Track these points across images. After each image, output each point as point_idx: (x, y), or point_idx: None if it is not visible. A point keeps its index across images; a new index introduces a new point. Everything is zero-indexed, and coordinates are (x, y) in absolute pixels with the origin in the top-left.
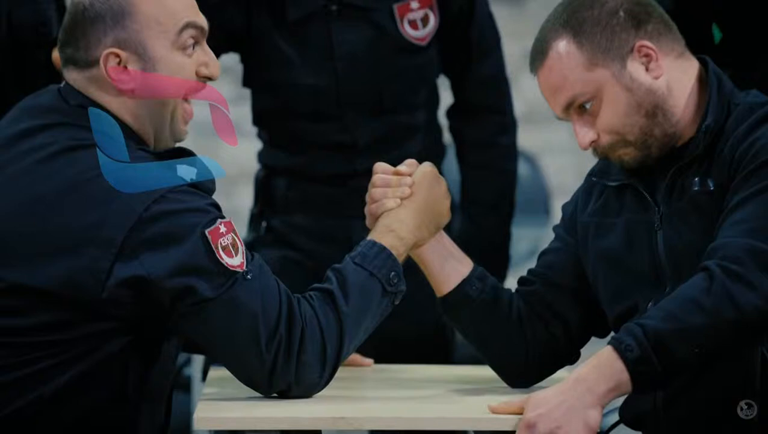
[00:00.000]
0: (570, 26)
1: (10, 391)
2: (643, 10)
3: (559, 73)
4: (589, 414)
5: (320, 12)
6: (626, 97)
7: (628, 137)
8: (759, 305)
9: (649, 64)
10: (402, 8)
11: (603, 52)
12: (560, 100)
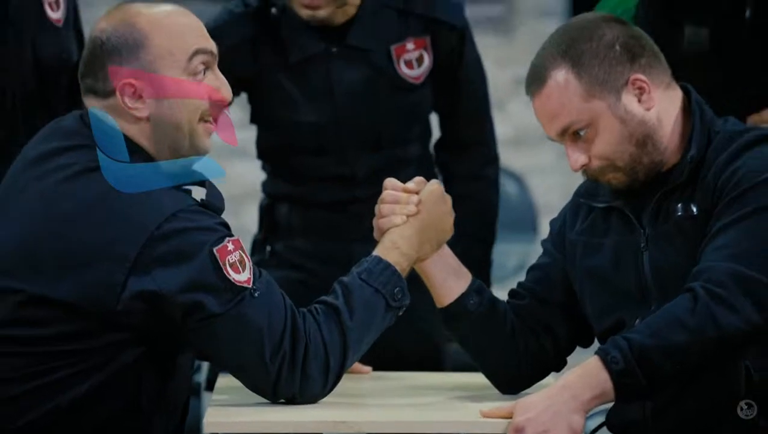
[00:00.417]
0: (569, 57)
1: (30, 400)
2: (638, 44)
3: (557, 102)
4: (574, 419)
5: (321, 54)
6: (620, 128)
7: (618, 163)
8: (740, 327)
9: (642, 96)
10: (399, 49)
11: (600, 84)
12: (556, 127)
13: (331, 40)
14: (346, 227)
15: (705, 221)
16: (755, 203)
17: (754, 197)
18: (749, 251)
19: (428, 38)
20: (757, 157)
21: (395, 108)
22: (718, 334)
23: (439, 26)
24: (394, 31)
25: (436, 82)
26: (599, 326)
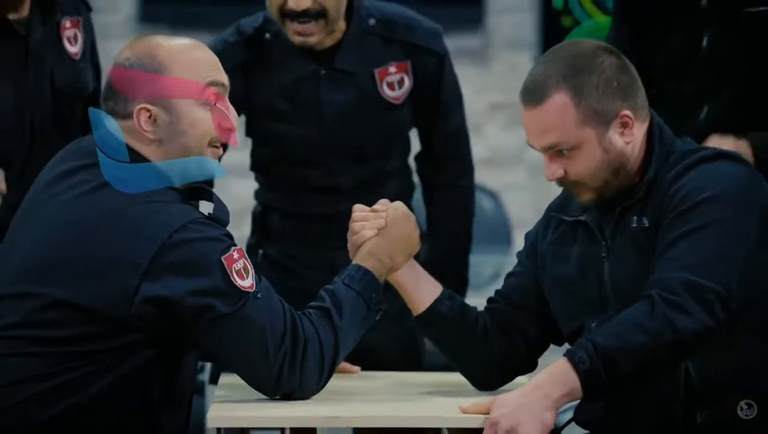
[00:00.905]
0: (572, 84)
1: (50, 397)
2: (633, 83)
3: (552, 121)
4: (545, 415)
5: (311, 75)
6: (601, 156)
7: (591, 184)
8: (694, 329)
9: (625, 130)
10: (382, 72)
11: (594, 115)
12: (543, 141)
13: (319, 63)
14: (331, 235)
15: (656, 232)
16: (700, 220)
17: (699, 214)
18: (697, 262)
19: (409, 63)
20: (701, 175)
21: (378, 125)
22: (675, 336)
23: (420, 52)
24: (377, 56)
25: (416, 102)
26: (566, 329)
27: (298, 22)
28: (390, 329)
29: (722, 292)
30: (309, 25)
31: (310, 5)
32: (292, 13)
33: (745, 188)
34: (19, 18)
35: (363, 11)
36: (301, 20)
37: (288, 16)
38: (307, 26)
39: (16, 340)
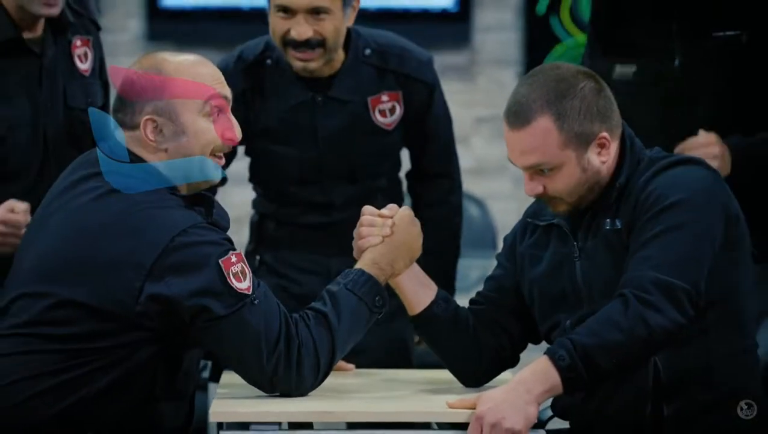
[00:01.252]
0: (556, 109)
1: (60, 391)
2: (610, 106)
3: (536, 143)
4: (528, 409)
5: (308, 101)
6: (579, 176)
7: (568, 199)
8: (666, 326)
9: (602, 150)
10: (374, 100)
11: (575, 138)
12: (525, 161)
13: (316, 91)
14: (324, 244)
15: (627, 234)
16: (670, 222)
17: (669, 216)
18: (667, 262)
19: (401, 92)
20: (670, 179)
21: (369, 149)
22: (648, 332)
23: (411, 81)
24: (371, 85)
25: (407, 127)
26: (543, 326)
27: (300, 51)
28: (381, 329)
29: (691, 290)
30: (310, 52)
31: (311, 36)
32: (294, 43)
33: (710, 192)
34: (34, 37)
35: (360, 42)
36: (302, 49)
37: (290, 44)
38: (308, 53)
39: (29, 337)
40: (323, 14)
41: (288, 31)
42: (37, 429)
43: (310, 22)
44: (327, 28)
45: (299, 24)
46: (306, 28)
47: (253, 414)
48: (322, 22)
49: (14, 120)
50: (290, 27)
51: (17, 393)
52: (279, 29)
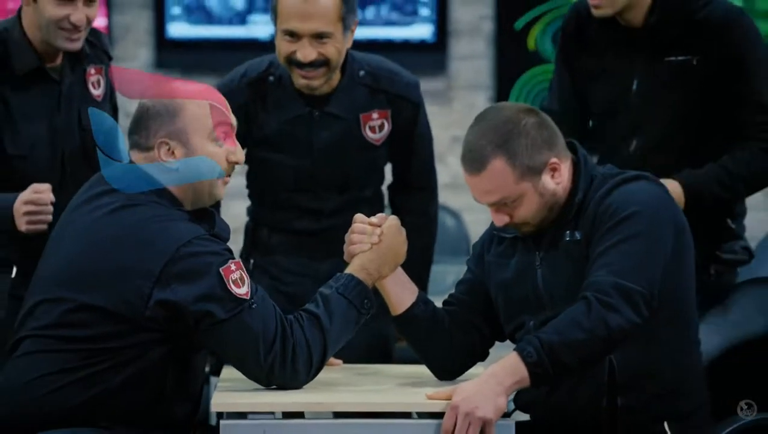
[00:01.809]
0: (505, 150)
1: (76, 388)
2: (553, 133)
3: (494, 184)
4: (498, 400)
5: (306, 116)
6: (538, 201)
7: (532, 222)
8: (623, 326)
9: (555, 174)
10: (365, 117)
11: (528, 170)
12: (489, 199)
13: (314, 106)
14: (314, 249)
15: (586, 244)
16: (626, 232)
17: (625, 227)
18: (625, 268)
19: (390, 110)
20: (624, 193)
21: (358, 161)
22: (608, 332)
23: (399, 101)
24: (363, 103)
25: (393, 142)
26: (508, 327)
27: (305, 70)
28: (365, 328)
29: (646, 293)
30: (314, 72)
31: (315, 57)
32: (299, 63)
33: (661, 205)
34: (54, 66)
35: (355, 64)
36: (307, 69)
37: (295, 64)
38: (312, 73)
39: (49, 338)
40: (326, 38)
41: (294, 52)
42: (58, 421)
43: (314, 45)
44: (329, 51)
45: (304, 47)
46: (310, 50)
47: (250, 404)
48: (325, 45)
49: (36, 140)
50: (296, 49)
51: (39, 388)
52: (285, 51)
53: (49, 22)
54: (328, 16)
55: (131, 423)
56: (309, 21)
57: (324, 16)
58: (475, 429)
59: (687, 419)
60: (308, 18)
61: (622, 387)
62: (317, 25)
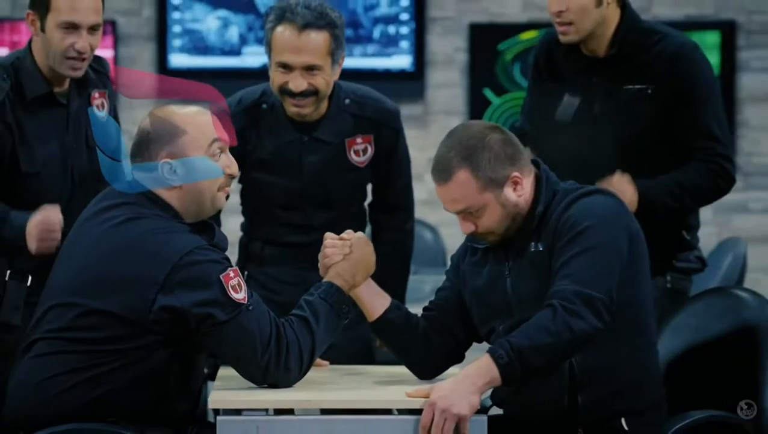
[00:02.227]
0: (470, 162)
1: (88, 385)
2: (516, 150)
3: (459, 193)
4: (472, 398)
5: (296, 141)
6: (500, 211)
7: (496, 232)
8: (586, 330)
9: (517, 187)
10: (350, 141)
11: (490, 182)
12: (455, 208)
13: (303, 132)
14: (303, 260)
15: (549, 254)
16: (585, 244)
17: (584, 239)
18: (586, 277)
19: (372, 135)
20: (582, 207)
21: (344, 182)
22: (572, 336)
23: (381, 127)
24: (348, 129)
25: (375, 165)
26: (481, 331)
27: (296, 99)
28: (349, 333)
29: (606, 300)
30: (304, 100)
31: (306, 87)
32: (291, 93)
33: (616, 217)
34: (62, 91)
35: (341, 93)
36: (298, 98)
37: (287, 93)
38: (302, 101)
39: (61, 340)
40: (316, 71)
41: (286, 82)
42: (69, 417)
43: (305, 76)
44: (319, 82)
45: (296, 78)
46: (301, 81)
47: (244, 402)
48: (315, 77)
49: (47, 159)
50: (288, 80)
51: (52, 386)
52: (278, 81)
53: (56, 51)
54: (318, 51)
55: (137, 419)
56: (301, 55)
57: (314, 51)
58: (451, 425)
59: (643, 415)
60: (300, 52)
61: (582, 385)
62: (308, 59)
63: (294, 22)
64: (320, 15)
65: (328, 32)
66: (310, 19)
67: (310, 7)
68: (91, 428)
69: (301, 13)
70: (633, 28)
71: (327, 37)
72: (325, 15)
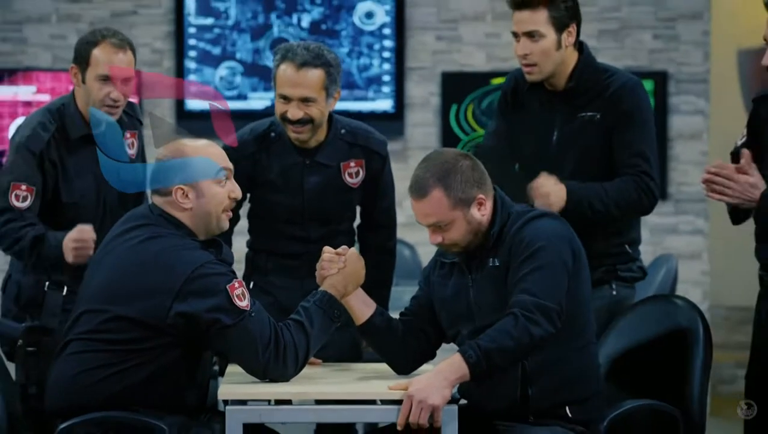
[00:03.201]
0: (443, 182)
1: (113, 379)
2: (483, 175)
3: (432, 209)
4: (445, 391)
5: (299, 164)
6: (466, 228)
7: (461, 244)
8: (542, 335)
9: (481, 208)
10: (345, 165)
11: (460, 201)
12: (427, 221)
13: (305, 157)
14: (301, 268)
15: (505, 269)
16: (538, 262)
17: (536, 258)
18: (541, 289)
19: (364, 160)
20: (534, 229)
21: (339, 201)
22: (530, 339)
23: (371, 154)
24: (344, 154)
25: (365, 186)
26: (448, 333)
27: (294, 126)
28: (340, 335)
29: (558, 308)
30: (301, 127)
31: (301, 116)
32: (289, 120)
33: (562, 237)
34: None
35: (338, 124)
36: (296, 125)
37: (287, 121)
38: (299, 128)
39: (90, 341)
40: (311, 102)
41: (285, 111)
42: (100, 405)
43: (301, 107)
44: (313, 112)
45: (293, 108)
46: (297, 111)
47: (249, 394)
48: (310, 107)
49: (84, 191)
50: (287, 109)
51: (82, 380)
52: (279, 110)
53: (95, 99)
54: (313, 86)
55: (156, 407)
56: (297, 88)
57: (310, 86)
58: (426, 414)
59: (584, 403)
60: (297, 86)
61: (532, 379)
62: (304, 92)
63: (294, 61)
64: (317, 55)
65: (322, 70)
66: (308, 58)
67: (309, 49)
68: (118, 415)
69: (300, 53)
70: (588, 67)
71: (321, 74)
72: (321, 56)
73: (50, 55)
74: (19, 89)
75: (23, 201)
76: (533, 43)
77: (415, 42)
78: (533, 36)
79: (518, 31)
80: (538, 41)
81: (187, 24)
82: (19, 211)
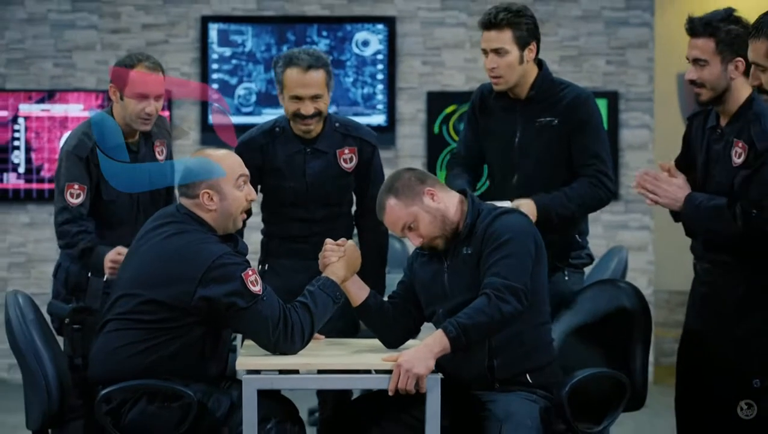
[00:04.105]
0: (392, 192)
1: (146, 353)
2: (426, 176)
3: (393, 216)
4: (429, 362)
5: (301, 152)
6: (429, 217)
7: (436, 234)
8: (512, 312)
9: (434, 197)
10: (340, 152)
11: (410, 199)
12: (396, 228)
13: (306, 145)
14: (307, 253)
15: (477, 257)
16: (506, 251)
17: (505, 247)
18: (510, 273)
19: (356, 148)
20: (502, 223)
21: (337, 184)
22: (502, 316)
23: (362, 142)
24: (339, 142)
25: (358, 172)
26: (426, 312)
27: (306, 120)
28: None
29: (525, 288)
30: (311, 121)
31: (313, 111)
32: (302, 116)
33: (527, 231)
34: (132, 141)
35: (332, 119)
36: (307, 120)
37: (299, 117)
38: (310, 122)
39: (126, 321)
40: (319, 98)
41: (298, 109)
42: (134, 375)
43: (312, 103)
44: (321, 106)
45: (306, 105)
46: (310, 107)
47: (262, 364)
48: (318, 102)
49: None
50: (300, 107)
51: (121, 354)
52: (292, 109)
53: (131, 113)
54: (319, 84)
55: (183, 376)
56: (308, 88)
57: (317, 84)
58: (413, 382)
59: (542, 371)
60: (307, 86)
61: (497, 351)
62: (314, 90)
63: (300, 65)
64: (317, 58)
65: (324, 70)
66: (312, 61)
67: (309, 53)
68: (150, 383)
69: (304, 58)
70: (546, 80)
71: (324, 73)
72: (320, 58)
73: (95, 78)
74: (69, 107)
75: (77, 198)
76: (499, 58)
77: (405, 66)
78: (499, 52)
79: (486, 48)
80: (503, 57)
81: (211, 51)
82: (75, 207)
